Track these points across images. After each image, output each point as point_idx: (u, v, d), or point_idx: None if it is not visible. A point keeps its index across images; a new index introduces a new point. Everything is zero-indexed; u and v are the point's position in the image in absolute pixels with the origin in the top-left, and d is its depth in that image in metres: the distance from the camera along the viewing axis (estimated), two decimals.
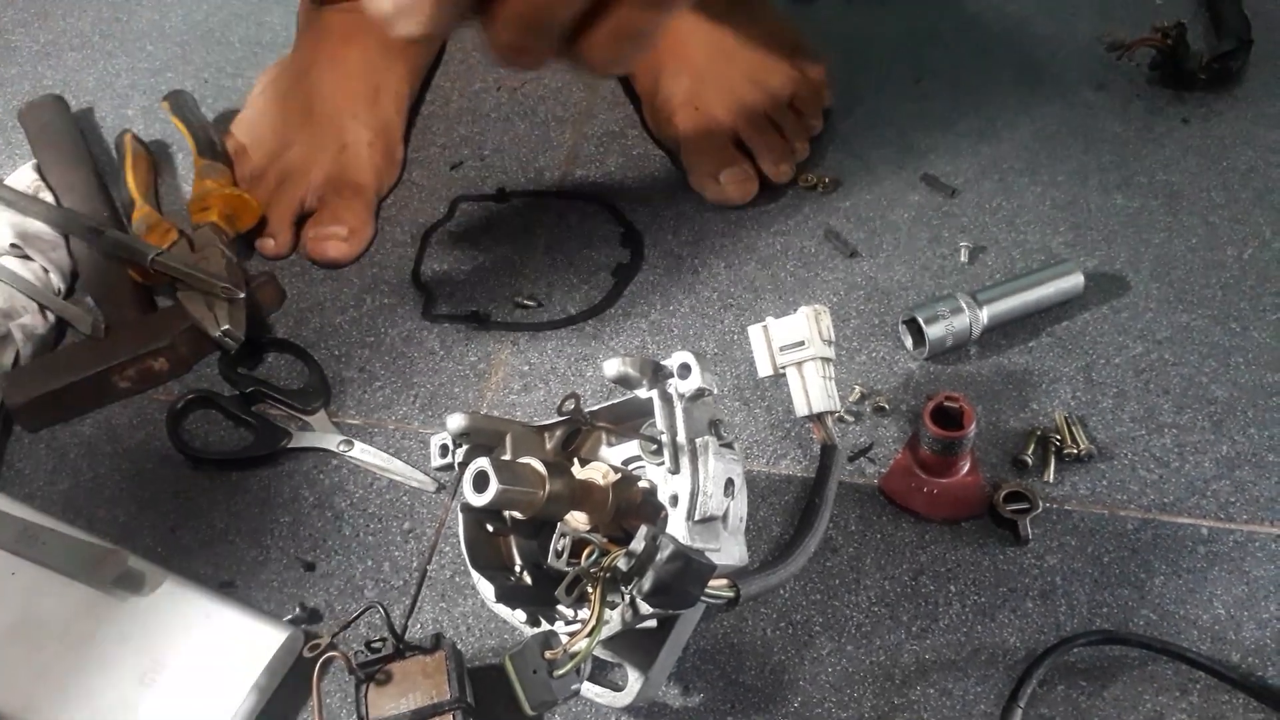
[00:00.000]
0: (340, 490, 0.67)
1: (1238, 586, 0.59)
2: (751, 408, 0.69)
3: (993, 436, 0.66)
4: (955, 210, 0.78)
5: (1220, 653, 0.56)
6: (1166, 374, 0.68)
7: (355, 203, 0.79)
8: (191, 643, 0.58)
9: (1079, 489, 0.63)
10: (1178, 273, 0.73)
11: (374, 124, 0.83)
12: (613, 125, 0.87)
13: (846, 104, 0.86)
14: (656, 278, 0.76)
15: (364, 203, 0.80)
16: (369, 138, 0.82)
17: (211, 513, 0.66)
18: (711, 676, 0.58)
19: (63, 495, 0.68)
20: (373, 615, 0.59)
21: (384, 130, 0.84)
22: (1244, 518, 0.61)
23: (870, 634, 0.59)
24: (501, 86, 0.91)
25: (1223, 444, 0.65)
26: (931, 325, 0.68)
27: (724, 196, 0.79)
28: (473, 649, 0.59)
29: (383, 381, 0.72)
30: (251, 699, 0.56)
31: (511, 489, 0.49)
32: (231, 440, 0.70)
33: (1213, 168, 0.79)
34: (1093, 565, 0.60)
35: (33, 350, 0.72)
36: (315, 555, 0.64)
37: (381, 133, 0.83)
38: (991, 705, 0.56)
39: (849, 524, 0.63)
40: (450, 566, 0.63)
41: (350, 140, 0.81)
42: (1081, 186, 0.79)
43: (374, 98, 0.84)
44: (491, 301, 0.76)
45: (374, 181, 0.81)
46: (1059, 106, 0.85)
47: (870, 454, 0.66)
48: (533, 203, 0.82)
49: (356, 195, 0.79)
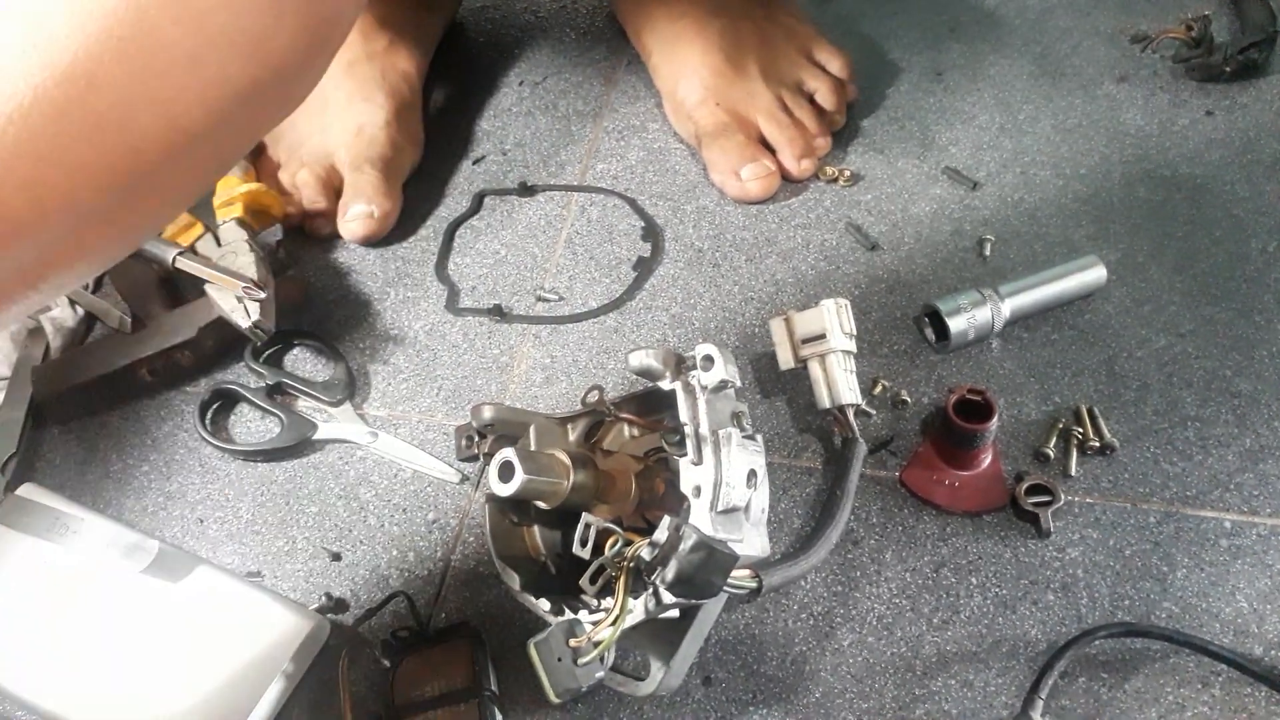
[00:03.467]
0: (365, 481, 0.67)
1: (1261, 580, 0.59)
2: (773, 400, 0.69)
3: (1014, 429, 0.66)
4: (977, 203, 0.78)
5: (1243, 646, 0.56)
6: (1190, 367, 0.68)
7: (378, 180, 0.80)
8: (220, 631, 0.59)
9: (1101, 481, 0.63)
10: (1201, 265, 0.73)
11: (388, 104, 0.84)
12: (634, 120, 0.88)
13: (868, 98, 0.86)
14: (677, 271, 0.77)
15: (386, 179, 0.81)
16: (384, 118, 0.83)
17: (239, 503, 0.67)
18: (733, 667, 0.58)
19: (92, 486, 0.69)
20: (398, 604, 0.60)
21: (399, 109, 0.85)
22: (1268, 511, 0.61)
23: (891, 625, 0.59)
24: (523, 81, 0.92)
25: (1246, 437, 0.64)
26: (954, 318, 0.68)
27: (746, 193, 0.79)
28: (496, 637, 0.60)
29: (407, 374, 0.73)
30: (279, 686, 0.57)
31: (536, 479, 0.50)
32: (258, 432, 0.71)
33: (1237, 160, 0.79)
34: (1114, 558, 0.60)
35: (62, 343, 0.73)
36: (341, 545, 0.65)
37: (397, 112, 0.84)
38: (1012, 697, 0.56)
39: (870, 516, 0.63)
40: (474, 557, 0.63)
41: (365, 122, 0.82)
42: (1104, 179, 0.79)
43: (383, 79, 0.85)
44: (514, 295, 0.77)
45: (395, 158, 0.82)
46: (1081, 99, 0.84)
47: (891, 446, 0.66)
48: (554, 197, 0.83)
49: (379, 172, 0.80)
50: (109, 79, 0.39)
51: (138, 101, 0.40)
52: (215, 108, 0.42)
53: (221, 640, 0.58)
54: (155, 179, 0.42)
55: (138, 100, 0.40)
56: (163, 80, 0.40)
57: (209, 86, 0.42)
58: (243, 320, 0.70)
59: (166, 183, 0.44)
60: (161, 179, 0.43)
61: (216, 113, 0.43)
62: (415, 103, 0.88)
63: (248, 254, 0.72)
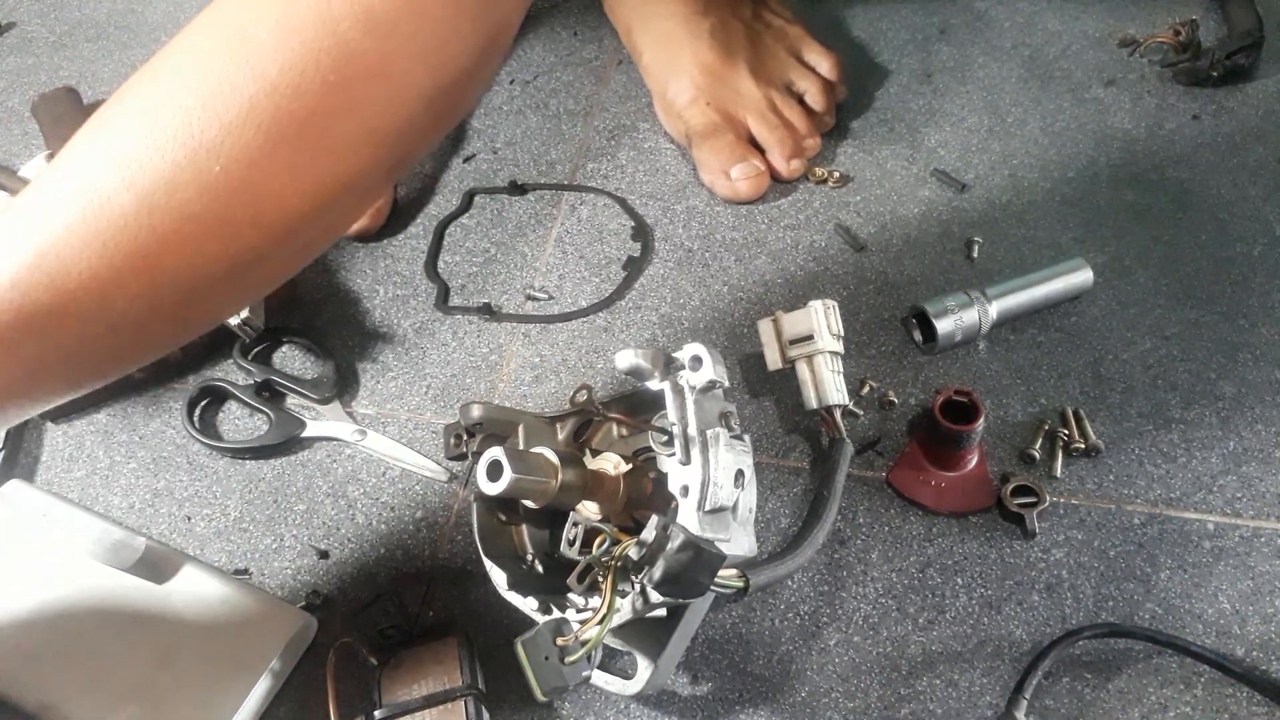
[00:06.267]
0: (354, 479, 0.67)
1: (1243, 581, 0.59)
2: (761, 400, 0.69)
3: (1000, 430, 0.66)
4: (965, 205, 0.79)
5: (1225, 647, 0.57)
6: (1174, 370, 0.68)
7: None
8: (207, 628, 0.59)
9: (1086, 483, 0.64)
10: (1187, 269, 0.74)
11: None
12: (624, 119, 0.88)
13: (857, 99, 0.86)
14: (667, 271, 0.77)
15: None
16: None
17: (226, 501, 0.67)
18: (720, 666, 0.58)
19: (79, 482, 0.68)
20: (386, 602, 0.60)
21: None
22: (1250, 513, 0.62)
23: (877, 625, 0.59)
24: (514, 80, 0.92)
25: (1230, 440, 0.65)
26: (941, 320, 0.68)
27: (735, 192, 0.79)
28: (484, 636, 0.60)
29: (396, 372, 0.73)
30: (266, 684, 0.57)
31: (525, 478, 0.50)
32: (246, 430, 0.70)
33: (1223, 164, 0.79)
34: (1099, 559, 0.60)
35: None
36: (329, 543, 0.65)
37: None
38: (997, 697, 0.56)
39: (857, 516, 0.63)
40: (462, 555, 0.63)
41: None
42: (1091, 182, 0.79)
43: None
44: (503, 293, 0.77)
45: None
46: (1069, 102, 0.85)
47: (878, 447, 0.66)
48: (545, 195, 0.83)
49: None
50: (310, 88, 0.42)
51: (337, 109, 0.43)
52: (403, 113, 0.46)
53: (208, 637, 0.58)
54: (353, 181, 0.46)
55: (337, 108, 0.43)
56: (356, 88, 0.44)
57: (397, 93, 0.45)
58: (231, 317, 0.69)
59: (361, 184, 0.47)
60: (359, 181, 0.46)
61: (405, 117, 0.46)
62: None
63: None
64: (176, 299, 0.44)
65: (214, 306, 0.49)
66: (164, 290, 0.43)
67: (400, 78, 0.45)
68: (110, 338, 0.44)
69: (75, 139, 0.44)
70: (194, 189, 0.42)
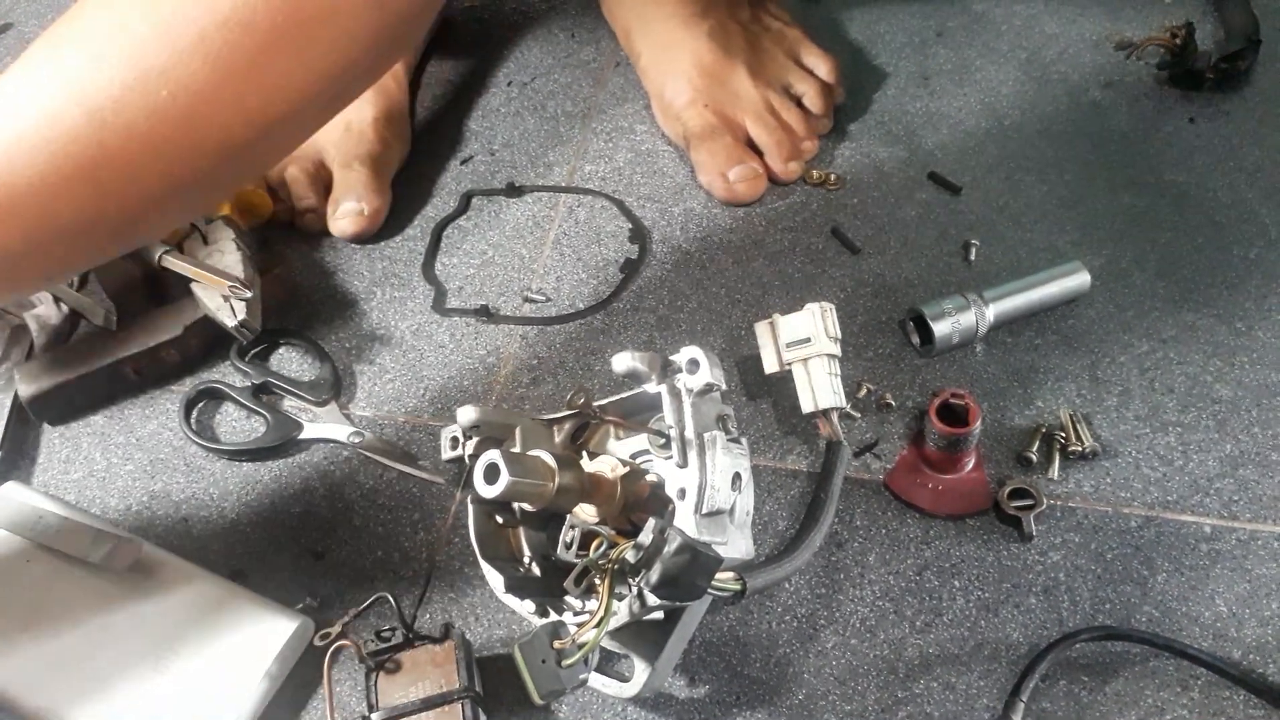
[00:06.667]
0: (351, 481, 0.67)
1: (1240, 584, 0.59)
2: (758, 403, 0.69)
3: (997, 433, 0.66)
4: (962, 208, 0.79)
5: (1222, 650, 0.57)
6: (1171, 372, 0.68)
7: (368, 177, 0.80)
8: (204, 630, 0.59)
9: (1083, 486, 0.64)
10: (1184, 272, 0.74)
11: (377, 102, 0.84)
12: (621, 121, 0.88)
13: (854, 102, 0.86)
14: (664, 273, 0.77)
15: (376, 176, 0.81)
16: (373, 115, 0.83)
17: (223, 503, 0.67)
18: (717, 669, 0.58)
19: (76, 484, 0.68)
20: (383, 605, 0.60)
21: (388, 106, 0.85)
22: (1247, 516, 0.62)
23: (874, 628, 0.59)
24: (512, 82, 0.92)
25: (1227, 443, 0.65)
26: (938, 322, 0.68)
27: (733, 195, 0.79)
28: (481, 639, 0.60)
29: (393, 374, 0.73)
30: (263, 686, 0.57)
31: (522, 481, 0.50)
32: (243, 432, 0.70)
33: (1219, 167, 0.80)
34: (1096, 562, 0.60)
35: (46, 341, 0.73)
36: (326, 545, 0.65)
37: (385, 109, 0.84)
38: (994, 699, 0.56)
39: (854, 519, 0.63)
40: (459, 558, 0.63)
41: (354, 119, 0.82)
42: (1088, 185, 0.79)
43: None
44: (501, 295, 0.77)
45: (383, 155, 0.82)
46: (1066, 105, 0.85)
47: (875, 450, 0.66)
48: (542, 197, 0.83)
49: (368, 169, 0.80)
50: (261, 24, 0.45)
51: (286, 47, 0.47)
52: (350, 52, 0.49)
53: (205, 640, 0.58)
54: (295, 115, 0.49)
55: (286, 45, 0.47)
56: (306, 28, 0.47)
57: (345, 32, 0.48)
58: (228, 319, 0.69)
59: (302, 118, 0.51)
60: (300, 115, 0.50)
61: (351, 57, 0.50)
62: (404, 100, 0.88)
63: (234, 252, 0.72)
64: (120, 212, 0.48)
65: (156, 219, 0.53)
66: (108, 202, 0.47)
67: (349, 19, 0.48)
68: (56, 244, 0.48)
69: (30, 52, 0.46)
70: (141, 111, 0.45)
